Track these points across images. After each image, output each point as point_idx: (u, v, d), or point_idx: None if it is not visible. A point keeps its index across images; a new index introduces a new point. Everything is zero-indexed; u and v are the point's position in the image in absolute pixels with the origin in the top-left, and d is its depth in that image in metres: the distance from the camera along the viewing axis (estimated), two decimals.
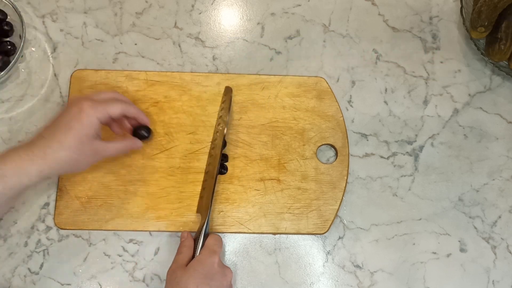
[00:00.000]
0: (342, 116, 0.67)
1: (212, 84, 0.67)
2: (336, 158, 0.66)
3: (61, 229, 0.62)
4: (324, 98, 0.67)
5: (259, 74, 0.69)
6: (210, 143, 0.65)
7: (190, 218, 0.62)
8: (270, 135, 0.66)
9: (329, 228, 0.63)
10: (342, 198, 0.64)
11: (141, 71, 0.68)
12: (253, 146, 0.65)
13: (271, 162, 0.65)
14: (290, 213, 0.63)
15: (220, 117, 0.65)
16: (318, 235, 0.64)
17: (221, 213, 0.63)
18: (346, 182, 0.65)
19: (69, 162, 0.52)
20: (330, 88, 0.68)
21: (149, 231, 0.63)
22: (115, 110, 0.55)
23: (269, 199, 0.64)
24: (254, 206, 0.63)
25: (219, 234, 0.62)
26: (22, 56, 0.67)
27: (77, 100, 0.53)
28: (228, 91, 0.66)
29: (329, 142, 0.66)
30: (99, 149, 0.55)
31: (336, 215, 0.64)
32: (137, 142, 0.60)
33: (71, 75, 0.67)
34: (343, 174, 0.65)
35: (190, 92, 0.67)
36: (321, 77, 0.68)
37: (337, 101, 0.67)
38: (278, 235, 0.63)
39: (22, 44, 0.64)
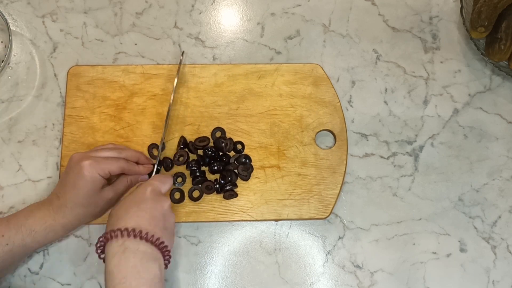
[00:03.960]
0: (339, 101, 0.67)
1: (208, 75, 0.68)
2: (335, 143, 0.66)
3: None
4: (320, 85, 0.68)
5: (256, 64, 0.69)
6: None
7: (191, 208, 0.62)
8: (269, 123, 0.66)
9: (330, 212, 0.63)
10: (343, 182, 0.64)
11: (137, 65, 0.68)
12: (252, 134, 0.66)
13: (270, 150, 0.65)
14: (291, 199, 0.63)
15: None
16: (318, 236, 0.64)
17: (223, 202, 0.63)
18: (346, 166, 0.65)
19: (87, 215, 0.57)
20: (326, 74, 0.68)
21: None
22: (115, 168, 0.57)
23: (270, 186, 0.64)
24: (255, 194, 0.63)
25: (226, 223, 0.62)
26: (8, 63, 0.67)
27: (78, 158, 0.56)
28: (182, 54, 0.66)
29: (327, 128, 0.66)
30: (109, 196, 0.58)
31: (337, 199, 0.64)
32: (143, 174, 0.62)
33: (68, 72, 0.67)
34: (342, 158, 0.65)
35: (187, 84, 0.67)
36: (317, 64, 0.69)
37: (333, 87, 0.67)
38: (278, 235, 0.63)
39: (9, 44, 0.64)
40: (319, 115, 0.67)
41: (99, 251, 0.50)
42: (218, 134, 0.65)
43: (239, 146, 0.65)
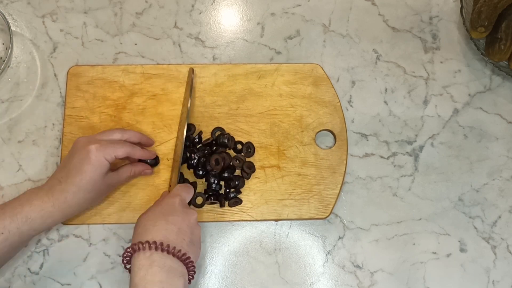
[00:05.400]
0: (339, 101, 0.67)
1: (208, 75, 0.68)
2: (335, 143, 0.66)
3: (64, 224, 0.62)
4: (320, 85, 0.68)
5: (255, 64, 0.69)
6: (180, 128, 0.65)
7: (192, 207, 0.62)
8: (269, 123, 0.66)
9: (330, 212, 0.63)
10: (343, 182, 0.64)
11: (137, 65, 0.68)
12: (252, 134, 0.66)
13: (270, 150, 0.65)
14: (291, 199, 0.63)
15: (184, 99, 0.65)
16: (318, 236, 0.64)
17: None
18: (346, 166, 0.65)
19: (88, 201, 0.56)
20: (326, 74, 0.68)
21: None
22: (121, 153, 0.57)
23: (270, 186, 0.64)
24: (255, 194, 0.63)
25: (226, 223, 0.62)
26: (9, 66, 0.67)
27: (84, 142, 0.55)
28: (189, 73, 0.66)
29: (327, 128, 0.66)
30: (112, 182, 0.58)
31: (337, 199, 0.64)
32: (147, 167, 0.62)
33: (68, 72, 0.67)
34: (342, 158, 0.65)
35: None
36: (317, 64, 0.69)
37: (333, 87, 0.67)
38: (278, 235, 0.63)
39: (10, 47, 0.64)
40: (319, 115, 0.67)
41: (125, 261, 0.51)
42: (218, 134, 0.65)
43: (239, 146, 0.65)
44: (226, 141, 0.63)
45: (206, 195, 0.62)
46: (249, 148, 0.64)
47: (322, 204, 0.63)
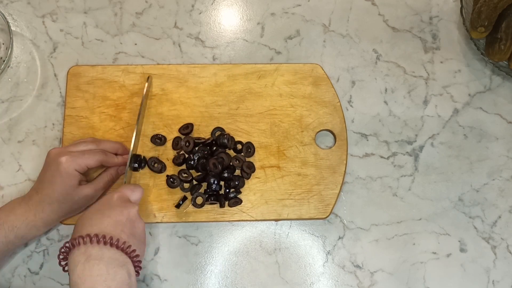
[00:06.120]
0: (339, 101, 0.67)
1: (208, 75, 0.68)
2: (335, 143, 0.66)
3: (64, 224, 0.62)
4: (320, 85, 0.68)
5: (255, 64, 0.69)
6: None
7: (191, 208, 0.62)
8: (269, 123, 0.66)
9: (330, 212, 0.63)
10: (343, 182, 0.64)
11: (137, 65, 0.68)
12: (251, 134, 0.66)
13: (270, 150, 0.65)
14: (291, 199, 0.63)
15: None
16: (318, 236, 0.64)
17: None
18: (346, 166, 0.65)
19: (64, 211, 0.57)
20: (326, 74, 0.68)
21: (152, 222, 0.63)
22: (92, 162, 0.57)
23: (270, 186, 0.64)
24: (255, 194, 0.63)
25: (226, 223, 0.62)
26: (9, 66, 0.67)
27: (56, 154, 0.56)
28: (149, 81, 0.65)
29: (327, 128, 0.66)
30: (89, 193, 0.57)
31: (337, 199, 0.64)
32: (118, 170, 0.62)
33: (68, 72, 0.67)
34: (342, 158, 0.65)
35: (187, 84, 0.67)
36: (317, 64, 0.69)
37: (333, 87, 0.67)
38: (278, 235, 0.63)
39: (10, 47, 0.64)
40: (319, 115, 0.67)
41: (63, 263, 0.49)
42: (218, 134, 0.65)
43: (239, 146, 0.65)
44: (226, 141, 0.63)
45: (206, 195, 0.62)
46: (249, 148, 0.64)
47: (322, 204, 0.63)
